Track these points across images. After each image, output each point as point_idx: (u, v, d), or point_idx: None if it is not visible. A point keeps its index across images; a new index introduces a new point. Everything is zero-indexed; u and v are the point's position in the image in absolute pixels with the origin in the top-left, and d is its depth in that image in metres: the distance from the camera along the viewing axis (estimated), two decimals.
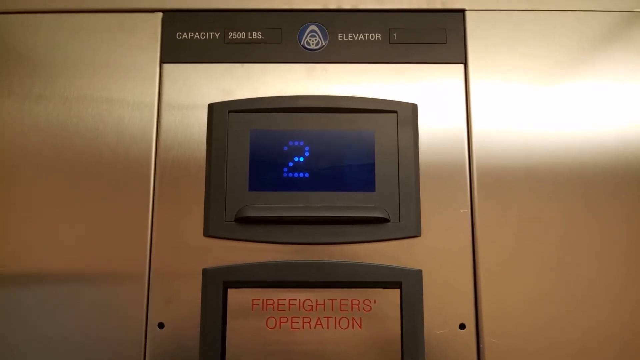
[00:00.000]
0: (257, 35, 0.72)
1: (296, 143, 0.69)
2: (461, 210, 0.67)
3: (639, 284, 0.66)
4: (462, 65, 0.72)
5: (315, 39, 0.73)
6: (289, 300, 0.65)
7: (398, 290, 0.65)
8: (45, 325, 0.65)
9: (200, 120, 0.70)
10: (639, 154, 0.69)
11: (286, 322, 0.65)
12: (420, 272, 0.66)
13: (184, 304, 0.65)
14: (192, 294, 0.65)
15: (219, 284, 0.65)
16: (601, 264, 0.66)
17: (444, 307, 0.65)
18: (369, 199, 0.68)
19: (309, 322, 0.65)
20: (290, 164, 0.69)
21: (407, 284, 0.65)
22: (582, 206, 0.67)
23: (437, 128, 0.70)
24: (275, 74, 0.71)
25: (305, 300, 0.65)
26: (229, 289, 0.65)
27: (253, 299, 0.65)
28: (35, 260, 0.66)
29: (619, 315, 0.66)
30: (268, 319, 0.65)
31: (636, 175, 0.68)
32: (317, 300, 0.65)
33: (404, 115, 0.70)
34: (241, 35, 0.72)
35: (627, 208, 0.68)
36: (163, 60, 0.71)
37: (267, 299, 0.65)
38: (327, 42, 0.73)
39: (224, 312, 0.65)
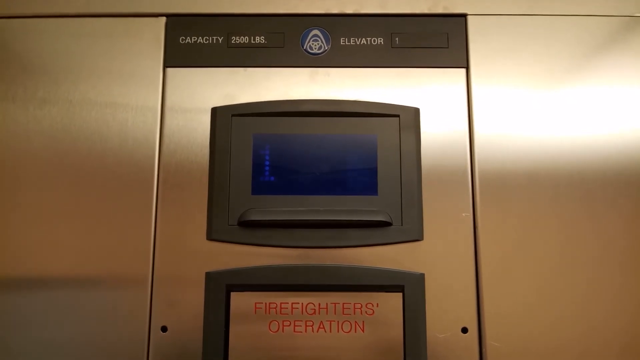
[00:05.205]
0: (260, 39, 0.73)
1: (299, 147, 0.70)
2: (463, 214, 0.68)
3: (638, 287, 0.66)
4: (464, 70, 0.72)
5: (318, 44, 0.73)
6: (292, 303, 0.65)
7: (400, 294, 0.65)
8: (49, 329, 0.65)
9: (203, 125, 0.70)
10: (639, 158, 0.69)
11: (289, 325, 0.65)
12: (422, 275, 0.66)
13: (187, 308, 0.65)
14: (195, 297, 0.65)
15: (221, 287, 0.65)
16: (602, 268, 0.67)
17: (446, 310, 0.65)
18: (372, 203, 0.68)
19: (311, 326, 0.65)
20: (293, 167, 0.69)
21: (409, 288, 0.65)
22: (583, 211, 0.68)
23: (439, 132, 0.70)
24: (278, 78, 0.72)
25: (308, 303, 0.65)
26: (231, 293, 0.65)
27: (256, 303, 0.65)
28: (39, 264, 0.67)
29: (619, 318, 0.66)
30: (271, 322, 0.65)
31: (636, 180, 0.68)
32: (319, 304, 0.65)
33: (406, 119, 0.70)
34: (244, 39, 0.73)
35: (627, 212, 0.68)
36: (166, 65, 0.72)
37: (269, 303, 0.65)
38: (329, 46, 0.73)
39: (226, 316, 0.65)
